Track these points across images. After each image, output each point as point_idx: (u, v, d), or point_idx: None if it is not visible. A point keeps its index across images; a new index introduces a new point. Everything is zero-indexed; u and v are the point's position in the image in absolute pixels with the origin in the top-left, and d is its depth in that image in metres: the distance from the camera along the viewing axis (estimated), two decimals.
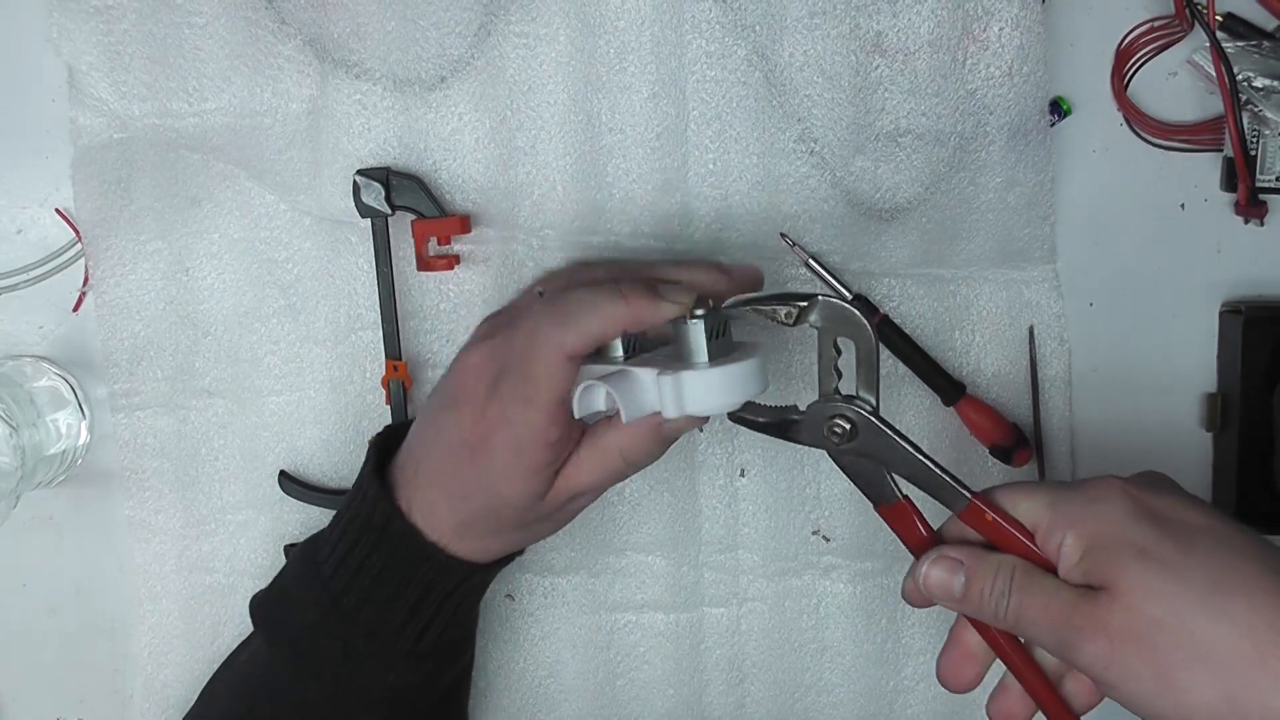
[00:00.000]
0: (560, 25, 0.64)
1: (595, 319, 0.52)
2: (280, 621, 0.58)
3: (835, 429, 0.53)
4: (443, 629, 0.57)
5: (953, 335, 0.67)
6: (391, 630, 0.56)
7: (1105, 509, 0.48)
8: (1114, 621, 0.45)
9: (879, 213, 0.65)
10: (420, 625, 0.56)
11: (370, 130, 0.65)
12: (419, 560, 0.55)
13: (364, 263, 0.67)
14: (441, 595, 0.56)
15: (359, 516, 0.57)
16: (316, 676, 0.57)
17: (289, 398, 0.69)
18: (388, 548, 0.55)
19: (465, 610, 0.59)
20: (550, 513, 0.56)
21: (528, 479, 0.53)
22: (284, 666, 0.58)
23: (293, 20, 0.64)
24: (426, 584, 0.56)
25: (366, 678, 0.56)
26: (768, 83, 0.64)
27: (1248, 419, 0.65)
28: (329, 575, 0.56)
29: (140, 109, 0.65)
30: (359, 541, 0.56)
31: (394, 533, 0.55)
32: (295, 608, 0.58)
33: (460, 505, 0.55)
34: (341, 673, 0.56)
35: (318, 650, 0.57)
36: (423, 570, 0.55)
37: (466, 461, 0.54)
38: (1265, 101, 0.63)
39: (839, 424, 0.53)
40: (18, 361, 0.69)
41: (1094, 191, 0.67)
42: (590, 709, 0.69)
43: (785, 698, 0.69)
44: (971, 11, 0.62)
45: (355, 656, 0.56)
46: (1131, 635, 0.45)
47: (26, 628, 0.71)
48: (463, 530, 0.55)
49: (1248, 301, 0.66)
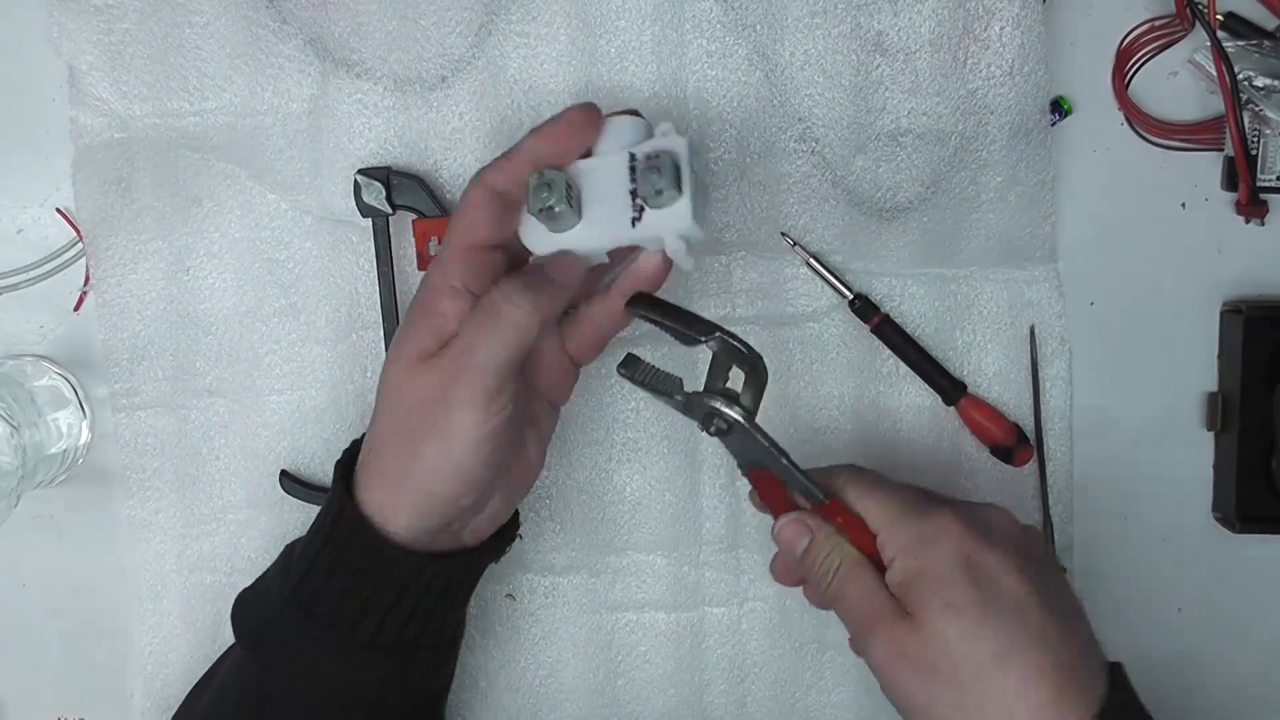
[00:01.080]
0: (561, 24, 0.64)
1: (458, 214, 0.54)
2: (247, 613, 0.58)
3: (711, 426, 0.55)
4: (400, 624, 0.56)
5: (953, 334, 0.67)
6: (347, 622, 0.55)
7: (935, 553, 0.52)
8: (906, 644, 0.51)
9: (880, 212, 0.65)
10: (377, 619, 0.55)
11: (371, 129, 0.65)
12: (371, 553, 0.54)
13: (365, 262, 0.67)
14: (397, 588, 0.55)
15: (325, 509, 0.57)
16: (277, 669, 0.56)
17: (290, 397, 0.69)
18: (342, 538, 0.55)
19: (429, 609, 0.56)
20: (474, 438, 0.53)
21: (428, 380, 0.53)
22: (249, 661, 0.57)
23: (293, 20, 0.64)
24: (379, 576, 0.55)
25: (322, 669, 0.55)
26: (768, 82, 0.64)
27: (1248, 419, 0.65)
28: (292, 568, 0.56)
29: (141, 108, 0.65)
30: (318, 532, 0.56)
31: (347, 522, 0.55)
32: (263, 597, 0.58)
33: (393, 485, 0.54)
34: (298, 666, 0.56)
35: (275, 642, 0.56)
36: (377, 561, 0.54)
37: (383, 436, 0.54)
38: (1266, 101, 0.63)
39: (718, 423, 0.55)
40: (19, 361, 0.69)
41: (1095, 191, 0.67)
42: (591, 708, 0.69)
43: (786, 697, 0.69)
44: (972, 11, 0.62)
45: (310, 647, 0.55)
46: (915, 663, 0.51)
47: (26, 628, 0.71)
48: (410, 516, 0.54)
49: (1248, 301, 0.66)
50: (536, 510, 0.68)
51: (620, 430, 0.68)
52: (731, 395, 0.55)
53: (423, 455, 0.53)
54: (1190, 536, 0.68)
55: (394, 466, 0.54)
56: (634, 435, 0.68)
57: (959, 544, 0.52)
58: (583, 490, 0.68)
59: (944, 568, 0.51)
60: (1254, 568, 0.68)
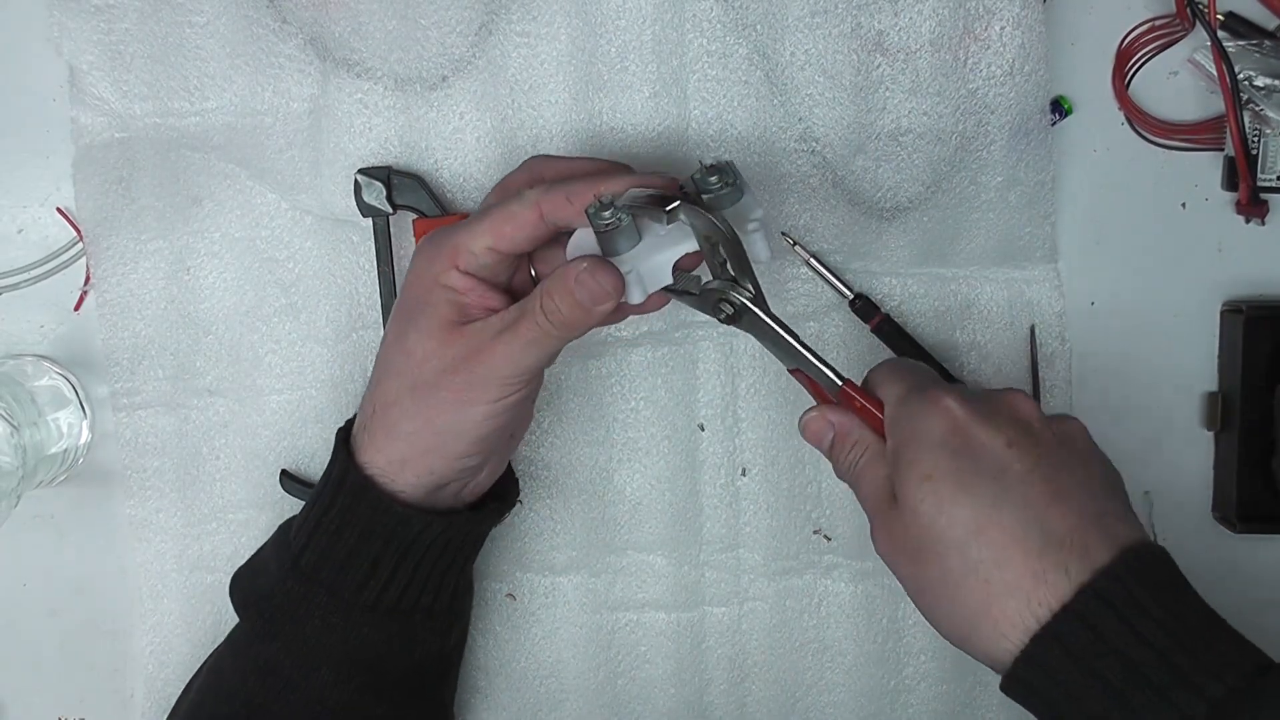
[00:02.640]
0: (561, 24, 0.64)
1: (500, 218, 0.53)
2: (247, 588, 0.59)
3: (720, 311, 0.56)
4: (404, 586, 0.56)
5: (954, 334, 0.67)
6: (352, 586, 0.55)
7: (923, 426, 0.50)
8: (894, 528, 0.51)
9: (880, 212, 0.65)
10: (381, 580, 0.55)
11: (371, 129, 0.65)
12: (377, 512, 0.55)
13: (365, 262, 0.67)
14: (401, 547, 0.55)
15: (325, 476, 0.57)
16: (277, 636, 0.56)
17: (290, 396, 0.69)
18: (345, 501, 0.55)
19: (433, 569, 0.57)
20: (488, 412, 0.54)
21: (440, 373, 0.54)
22: (248, 630, 0.58)
23: (294, 19, 0.64)
24: (385, 536, 0.55)
25: (328, 635, 0.56)
26: (769, 82, 0.64)
27: (1248, 418, 0.65)
28: (292, 537, 0.57)
29: (141, 108, 0.65)
30: (319, 498, 0.56)
31: (351, 485, 0.55)
32: (261, 572, 0.58)
33: (401, 443, 0.55)
34: (302, 631, 0.56)
35: (278, 610, 0.56)
36: (381, 521, 0.55)
37: (392, 396, 0.54)
38: (1266, 100, 0.63)
39: (724, 307, 0.56)
40: (19, 360, 0.69)
41: (1095, 191, 0.67)
42: (591, 708, 0.69)
43: (786, 697, 0.69)
44: (973, 10, 0.62)
45: (315, 614, 0.56)
46: (902, 546, 0.50)
47: (27, 628, 0.71)
48: (417, 472, 0.55)
49: (1249, 301, 0.66)
50: (536, 510, 0.68)
51: (620, 430, 0.68)
52: (732, 280, 0.55)
53: (437, 416, 0.54)
54: (1190, 536, 0.68)
55: (404, 426, 0.55)
56: (634, 435, 0.68)
57: (947, 418, 0.50)
58: (583, 490, 0.68)
59: (926, 441, 0.50)
60: (1254, 568, 0.68)
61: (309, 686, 0.57)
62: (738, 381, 0.68)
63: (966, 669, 0.68)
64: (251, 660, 0.58)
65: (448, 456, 0.55)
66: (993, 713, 0.68)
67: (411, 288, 0.56)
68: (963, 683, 0.68)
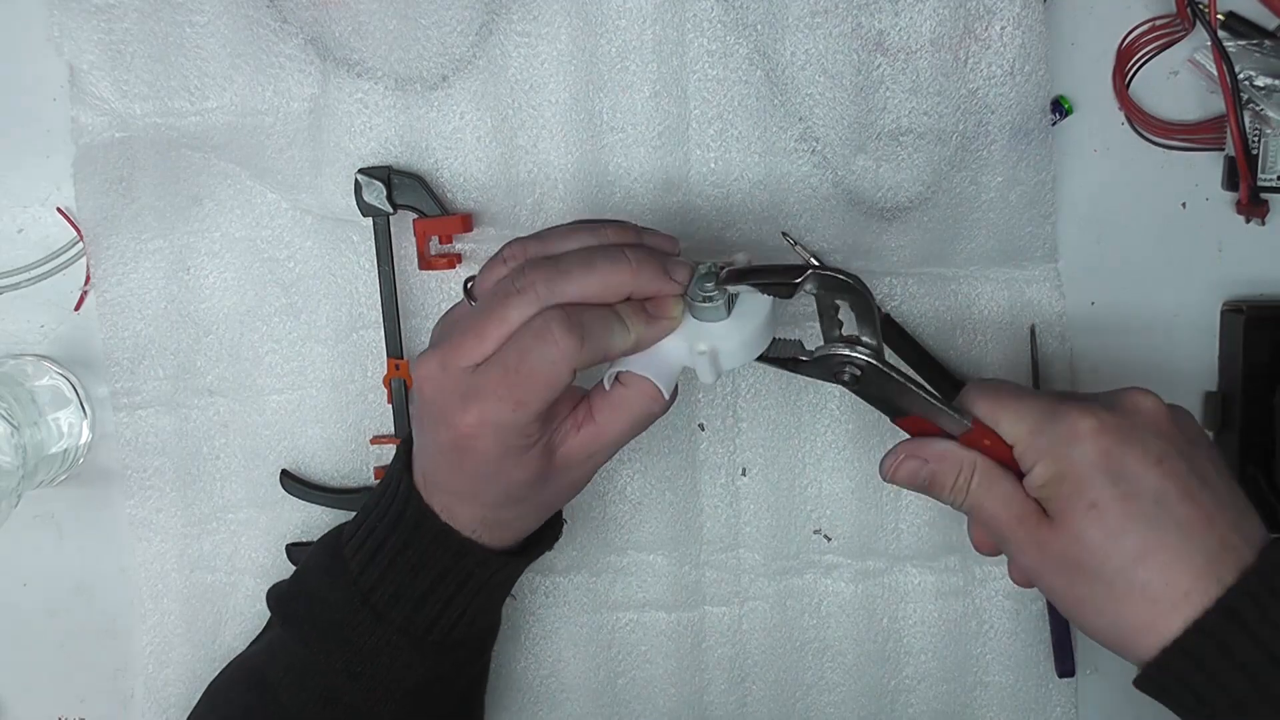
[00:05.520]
0: (562, 24, 0.64)
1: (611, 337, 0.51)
2: (308, 618, 0.58)
3: (844, 375, 0.54)
4: (473, 620, 0.57)
5: (954, 334, 0.67)
6: (424, 625, 0.56)
7: (1075, 454, 0.52)
8: (1051, 545, 0.52)
9: (880, 211, 0.65)
10: (454, 618, 0.56)
11: (372, 129, 0.65)
12: (457, 556, 0.55)
13: (365, 261, 0.67)
14: (477, 587, 0.56)
15: (389, 513, 0.56)
16: (345, 670, 0.57)
17: (290, 396, 0.69)
18: (421, 545, 0.55)
19: (496, 599, 0.59)
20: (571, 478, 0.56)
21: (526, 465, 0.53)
22: (311, 661, 0.58)
23: (294, 19, 0.64)
24: (462, 578, 0.56)
25: (402, 671, 0.57)
26: (769, 81, 0.64)
27: (1249, 419, 0.65)
28: (357, 572, 0.56)
29: (141, 108, 0.65)
30: (390, 539, 0.56)
31: (428, 531, 0.55)
32: (323, 604, 0.58)
33: (474, 503, 0.55)
34: (374, 667, 0.56)
35: (349, 646, 0.56)
36: (460, 565, 0.55)
37: (459, 466, 0.54)
38: (1267, 100, 0.63)
39: (850, 370, 0.54)
40: (19, 360, 0.69)
41: (1095, 190, 0.67)
42: (592, 708, 0.69)
43: (786, 697, 0.69)
44: (973, 10, 0.62)
45: (388, 651, 0.56)
46: (1061, 563, 0.52)
47: (27, 627, 0.71)
48: (489, 523, 0.55)
49: (1249, 301, 0.66)
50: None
51: None
52: (852, 340, 0.54)
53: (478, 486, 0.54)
54: None
55: (450, 485, 0.55)
56: None
57: (1096, 443, 0.51)
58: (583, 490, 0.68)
59: (1083, 469, 0.51)
60: None
61: (373, 717, 0.58)
62: (738, 381, 0.68)
63: (967, 669, 0.68)
64: (316, 688, 0.58)
65: (499, 506, 0.55)
66: (992, 713, 0.68)
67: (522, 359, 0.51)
68: (963, 683, 0.68)
